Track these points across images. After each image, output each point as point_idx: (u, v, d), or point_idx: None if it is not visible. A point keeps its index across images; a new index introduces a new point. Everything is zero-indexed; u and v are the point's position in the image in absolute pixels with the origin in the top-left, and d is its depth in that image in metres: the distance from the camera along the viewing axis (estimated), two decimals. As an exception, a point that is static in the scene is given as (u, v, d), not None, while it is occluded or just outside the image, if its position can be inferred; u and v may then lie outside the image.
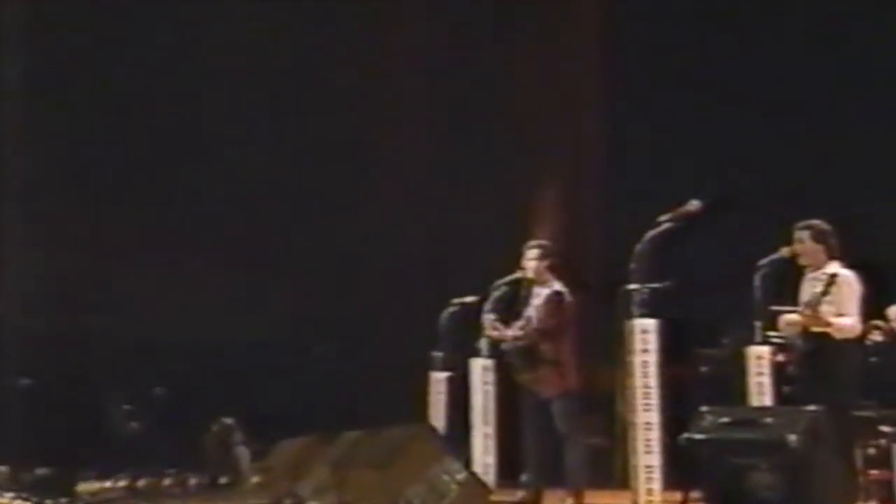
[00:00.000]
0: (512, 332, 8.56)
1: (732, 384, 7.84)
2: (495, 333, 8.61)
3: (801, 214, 7.52)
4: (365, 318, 11.49)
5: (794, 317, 7.31)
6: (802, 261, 7.46)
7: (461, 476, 6.84)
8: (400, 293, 11.44)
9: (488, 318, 8.59)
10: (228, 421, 9.70)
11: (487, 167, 11.52)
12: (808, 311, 7.14)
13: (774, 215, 8.03)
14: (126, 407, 11.24)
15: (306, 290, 11.55)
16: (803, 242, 7.41)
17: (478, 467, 8.57)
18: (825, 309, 7.19)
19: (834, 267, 7.39)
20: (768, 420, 6.71)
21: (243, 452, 9.48)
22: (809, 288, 7.42)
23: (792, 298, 7.42)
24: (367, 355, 11.26)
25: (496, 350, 8.78)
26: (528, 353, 8.52)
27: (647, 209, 7.75)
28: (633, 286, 7.29)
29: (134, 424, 11.18)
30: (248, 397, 10.54)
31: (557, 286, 8.61)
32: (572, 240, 10.93)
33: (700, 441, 6.75)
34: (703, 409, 6.92)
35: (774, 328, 7.47)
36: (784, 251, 7.52)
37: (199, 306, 11.43)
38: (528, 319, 8.60)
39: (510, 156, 11.51)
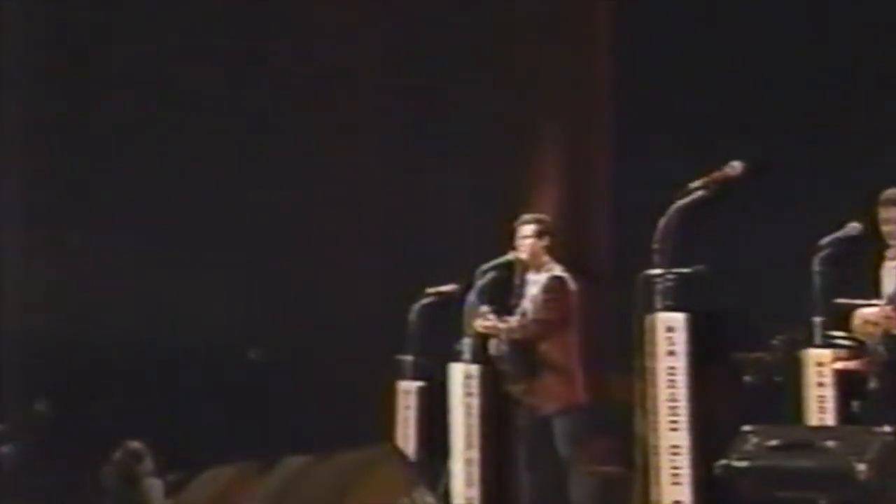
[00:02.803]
0: (507, 324, 8.59)
1: (784, 397, 7.89)
2: (486, 324, 8.60)
3: (874, 180, 7.45)
4: (314, 314, 11.50)
5: (874, 312, 7.22)
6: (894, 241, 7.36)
7: (436, 513, 6.78)
8: (359, 281, 11.49)
9: (482, 308, 8.62)
10: (135, 444, 9.55)
11: (470, 124, 11.55)
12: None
13: (839, 181, 7.87)
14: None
15: (240, 277, 11.60)
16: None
17: (458, 502, 8.62)
18: None
19: None
20: (830, 444, 6.65)
21: (155, 485, 9.41)
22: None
23: (872, 289, 7.34)
24: (316, 360, 11.26)
25: (482, 352, 8.76)
26: (523, 356, 8.53)
27: (672, 174, 7.66)
28: (655, 271, 7.22)
29: (7, 448, 11.07)
30: (161, 413, 10.53)
31: (558, 271, 8.61)
32: (577, 213, 10.97)
33: (742, 469, 6.74)
34: (747, 428, 6.89)
35: (839, 326, 7.46)
36: (853, 227, 7.47)
37: (98, 295, 11.46)
38: (524, 314, 8.63)
39: (499, 111, 11.54)
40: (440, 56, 11.64)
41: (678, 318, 7.22)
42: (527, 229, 8.66)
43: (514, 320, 8.59)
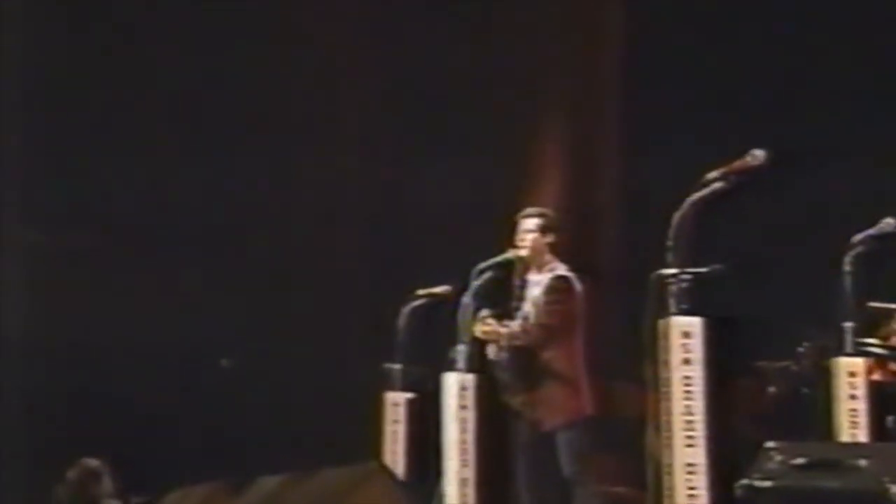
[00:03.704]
0: (508, 328, 8.57)
1: (812, 411, 7.93)
2: (485, 329, 8.58)
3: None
4: (292, 318, 11.47)
5: None
6: None
7: (427, 539, 6.77)
8: (341, 282, 11.49)
9: (481, 312, 8.58)
10: (93, 462, 9.49)
11: (468, 109, 11.53)
12: None
13: (872, 172, 7.80)
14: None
15: (210, 278, 11.58)
16: None
17: (452, 525, 8.59)
18: None
19: None
20: (861, 462, 6.57)
21: (115, 508, 9.32)
22: None
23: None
24: (294, 369, 11.24)
25: (479, 361, 8.72)
26: (524, 364, 8.51)
27: (687, 164, 7.61)
28: (669, 271, 7.17)
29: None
30: (123, 427, 10.52)
31: (562, 270, 8.60)
32: (583, 207, 10.98)
33: (765, 490, 6.66)
34: (770, 445, 6.82)
35: (873, 332, 7.53)
36: (888, 223, 7.52)
37: (54, 298, 11.40)
38: (525, 318, 8.62)
39: (499, 96, 11.53)
40: (436, 40, 11.66)
41: (694, 323, 7.16)
42: (529, 224, 8.64)
43: (515, 324, 8.58)
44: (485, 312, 8.61)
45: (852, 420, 7.43)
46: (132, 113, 11.74)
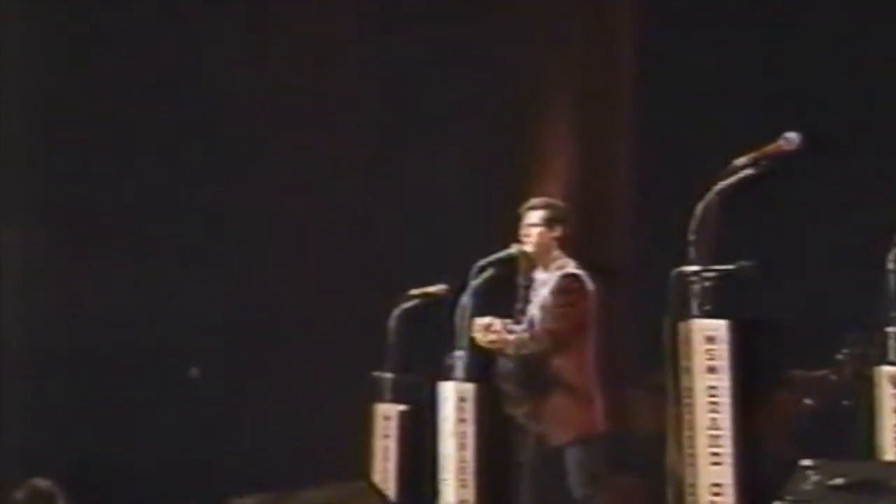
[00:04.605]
0: (515, 335, 8.53)
1: (852, 425, 7.86)
2: (490, 338, 8.52)
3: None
4: (271, 322, 11.49)
5: None
6: None
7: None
8: (326, 282, 11.45)
9: (487, 318, 8.55)
10: (44, 483, 9.39)
11: (466, 90, 11.54)
12: None
13: None
14: None
15: (180, 277, 11.56)
16: None
17: (449, 551, 8.67)
18: None
19: None
20: None
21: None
22: None
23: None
24: (274, 379, 11.25)
25: (480, 369, 8.68)
26: (529, 372, 8.49)
27: (711, 148, 7.66)
28: (691, 268, 7.19)
29: None
30: (79, 444, 10.47)
31: (572, 267, 8.63)
32: (594, 197, 10.94)
33: None
34: (805, 463, 6.80)
35: None
36: None
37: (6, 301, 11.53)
38: (531, 322, 8.61)
39: (501, 74, 11.56)
40: (437, 29, 11.68)
41: (720, 326, 7.17)
42: (534, 216, 8.68)
43: (522, 330, 8.55)
44: (487, 320, 8.58)
45: (896, 437, 7.56)
46: (129, 113, 11.77)
